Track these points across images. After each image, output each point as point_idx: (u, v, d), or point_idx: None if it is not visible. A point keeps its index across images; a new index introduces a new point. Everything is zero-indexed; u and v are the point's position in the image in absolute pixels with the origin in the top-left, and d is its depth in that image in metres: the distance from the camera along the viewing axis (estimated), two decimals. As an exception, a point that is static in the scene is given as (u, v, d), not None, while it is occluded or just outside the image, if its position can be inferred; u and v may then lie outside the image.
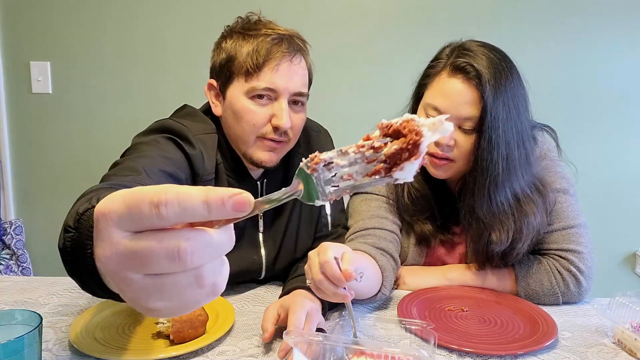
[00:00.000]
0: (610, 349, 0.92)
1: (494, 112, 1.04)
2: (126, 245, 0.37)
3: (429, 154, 1.10)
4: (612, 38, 2.18)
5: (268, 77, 1.03)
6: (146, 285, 0.38)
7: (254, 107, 1.05)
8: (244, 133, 1.07)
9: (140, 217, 0.36)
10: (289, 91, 1.05)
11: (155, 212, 0.36)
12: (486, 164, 1.06)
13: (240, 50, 1.05)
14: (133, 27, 2.29)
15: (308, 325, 0.88)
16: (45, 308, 1.05)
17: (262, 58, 1.02)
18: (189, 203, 0.36)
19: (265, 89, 1.03)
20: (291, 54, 1.05)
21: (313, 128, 1.28)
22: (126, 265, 0.38)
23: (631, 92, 2.22)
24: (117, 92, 2.33)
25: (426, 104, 1.12)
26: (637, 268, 2.33)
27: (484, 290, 1.14)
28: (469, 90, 1.05)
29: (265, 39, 1.04)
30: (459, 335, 0.95)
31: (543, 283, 1.11)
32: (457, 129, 1.08)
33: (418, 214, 1.19)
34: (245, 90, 1.04)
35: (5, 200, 2.42)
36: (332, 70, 2.24)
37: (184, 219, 0.37)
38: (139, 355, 0.86)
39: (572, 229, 1.14)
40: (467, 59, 1.06)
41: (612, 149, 2.25)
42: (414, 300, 1.08)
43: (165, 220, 0.36)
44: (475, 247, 1.15)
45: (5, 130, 2.39)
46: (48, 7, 2.30)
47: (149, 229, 0.37)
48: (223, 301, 1.05)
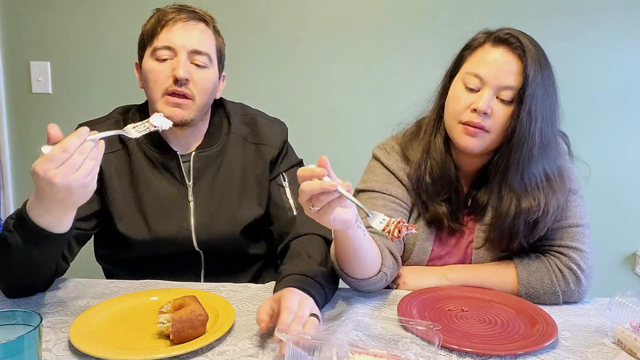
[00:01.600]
0: (610, 349, 0.92)
1: (534, 86, 1.07)
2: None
3: (463, 122, 1.11)
4: (608, 37, 2.17)
5: (164, 35, 1.16)
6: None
7: (157, 66, 1.16)
8: (152, 92, 1.17)
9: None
10: (185, 47, 1.16)
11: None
12: (524, 136, 1.08)
13: (148, 23, 1.20)
14: (133, 27, 2.27)
15: (301, 310, 0.88)
16: (45, 308, 1.05)
17: (161, 23, 1.17)
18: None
19: (164, 48, 1.15)
20: (187, 19, 1.17)
21: (268, 118, 1.35)
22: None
23: (630, 92, 2.22)
24: (117, 93, 2.32)
25: (466, 73, 1.13)
26: (637, 268, 2.33)
27: (484, 290, 1.14)
28: (513, 60, 1.08)
29: (168, 9, 1.19)
30: (459, 335, 0.95)
31: (544, 282, 1.11)
32: (495, 98, 1.09)
33: (436, 194, 1.19)
34: (149, 54, 1.17)
35: (5, 200, 2.42)
36: (332, 70, 2.25)
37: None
38: (139, 355, 0.86)
39: (578, 227, 1.15)
40: (510, 32, 1.10)
41: (612, 149, 2.25)
42: (414, 300, 1.08)
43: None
44: (501, 222, 1.14)
45: (5, 130, 2.39)
46: (48, 7, 2.30)
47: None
48: (223, 301, 1.05)
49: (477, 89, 1.11)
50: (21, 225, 0.92)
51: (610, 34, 2.17)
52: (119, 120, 1.25)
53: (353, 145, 2.06)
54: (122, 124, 1.23)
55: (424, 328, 0.90)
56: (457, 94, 1.14)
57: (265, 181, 1.29)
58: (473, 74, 1.11)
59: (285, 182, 1.29)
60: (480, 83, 1.10)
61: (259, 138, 1.30)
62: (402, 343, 0.92)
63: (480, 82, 1.10)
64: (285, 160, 1.32)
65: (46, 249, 0.97)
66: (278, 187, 1.29)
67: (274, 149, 1.29)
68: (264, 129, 1.31)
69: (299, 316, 0.86)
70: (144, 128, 0.97)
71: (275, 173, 1.30)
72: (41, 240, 0.93)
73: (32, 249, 0.95)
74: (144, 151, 1.24)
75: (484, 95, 1.09)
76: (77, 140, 0.84)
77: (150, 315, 0.99)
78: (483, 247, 1.21)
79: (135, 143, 1.22)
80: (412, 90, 1.37)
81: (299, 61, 2.26)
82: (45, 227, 0.91)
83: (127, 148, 1.22)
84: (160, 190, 1.22)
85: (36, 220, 0.90)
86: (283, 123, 1.36)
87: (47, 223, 0.91)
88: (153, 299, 1.07)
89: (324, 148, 2.23)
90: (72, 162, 0.83)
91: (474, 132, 1.11)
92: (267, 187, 1.29)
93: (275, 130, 1.32)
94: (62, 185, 0.83)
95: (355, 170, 1.60)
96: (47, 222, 0.91)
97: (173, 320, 0.89)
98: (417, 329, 0.93)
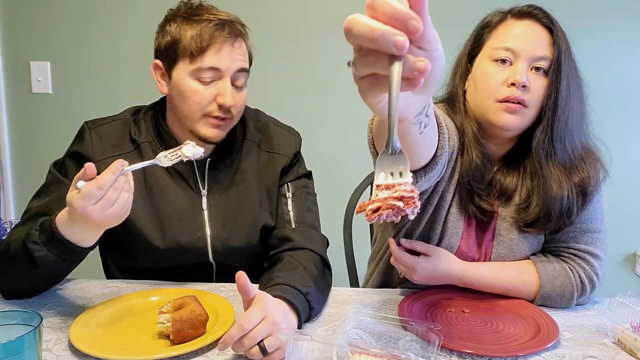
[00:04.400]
0: (610, 349, 0.92)
1: (567, 56, 1.05)
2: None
3: (502, 100, 1.05)
4: (617, 40, 2.17)
5: (212, 58, 1.09)
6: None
7: (199, 87, 1.11)
8: (190, 112, 1.13)
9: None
10: (231, 70, 1.11)
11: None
12: (564, 107, 1.06)
13: (184, 34, 1.10)
14: (133, 27, 2.28)
15: (261, 328, 0.83)
16: (45, 308, 1.05)
17: (206, 42, 1.09)
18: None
19: (210, 69, 1.10)
20: (232, 38, 1.11)
21: (282, 126, 1.32)
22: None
23: (631, 93, 2.22)
24: (117, 93, 2.33)
25: (493, 49, 1.08)
26: (637, 268, 2.33)
27: (485, 292, 1.13)
28: (542, 31, 1.07)
29: (208, 24, 1.10)
30: (460, 336, 0.95)
31: (565, 295, 1.09)
32: (530, 70, 1.06)
33: (483, 177, 1.13)
34: (190, 70, 1.10)
35: (5, 200, 2.42)
36: (330, 69, 2.25)
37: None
38: (139, 355, 0.86)
39: (600, 233, 1.14)
40: (533, 5, 1.08)
41: (612, 149, 2.24)
42: (414, 301, 1.08)
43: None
44: (552, 200, 1.08)
45: (5, 130, 2.39)
46: (48, 7, 2.30)
47: None
48: (223, 301, 1.05)
49: (510, 62, 1.06)
50: (50, 240, 0.94)
51: (610, 33, 2.17)
52: (128, 121, 1.21)
53: (354, 146, 2.06)
54: (132, 125, 1.20)
55: (424, 328, 0.90)
56: (488, 70, 1.08)
57: (275, 191, 1.26)
58: (504, 47, 1.06)
59: (289, 193, 1.26)
60: (512, 56, 1.06)
61: (272, 146, 1.27)
62: (402, 343, 0.92)
63: (512, 55, 1.06)
64: (294, 170, 1.28)
65: (73, 262, 1.01)
66: (281, 197, 1.26)
67: (286, 158, 1.26)
68: (277, 137, 1.29)
69: (251, 336, 0.82)
70: (176, 156, 0.97)
71: (282, 182, 1.27)
72: (71, 254, 0.96)
73: (61, 263, 0.97)
74: (157, 155, 1.19)
75: (518, 67, 1.04)
76: (112, 176, 0.87)
77: (150, 315, 0.99)
78: (509, 234, 1.15)
79: (148, 145, 1.19)
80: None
81: (300, 61, 2.27)
82: (75, 242, 0.94)
83: (139, 150, 1.18)
84: (174, 197, 1.19)
85: (67, 237, 0.93)
86: (297, 133, 1.33)
87: (78, 239, 0.94)
88: (153, 299, 1.07)
89: (326, 148, 2.24)
90: (109, 198, 0.87)
91: (514, 108, 1.05)
92: (276, 197, 1.26)
93: (290, 141, 1.29)
94: (99, 220, 0.87)
95: (357, 170, 1.61)
96: (78, 238, 0.94)
97: (173, 320, 0.89)
98: (417, 329, 0.93)
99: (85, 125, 1.20)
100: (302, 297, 0.97)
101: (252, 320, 0.82)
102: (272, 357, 0.84)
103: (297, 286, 0.98)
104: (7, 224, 2.36)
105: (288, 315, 0.91)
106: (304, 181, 1.29)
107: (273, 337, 0.83)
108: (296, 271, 1.06)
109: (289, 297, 0.94)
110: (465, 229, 1.17)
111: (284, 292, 0.95)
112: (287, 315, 0.91)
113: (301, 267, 1.07)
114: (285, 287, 0.97)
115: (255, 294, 0.88)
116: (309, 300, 0.98)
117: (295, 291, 0.97)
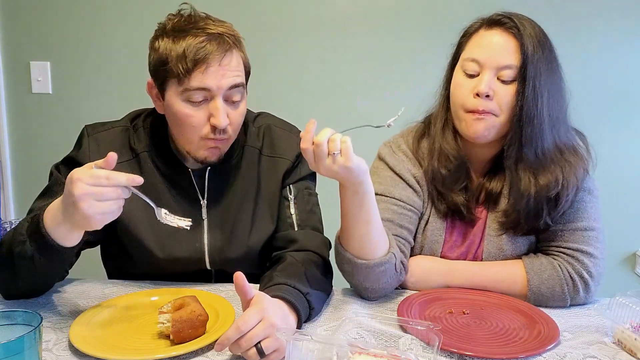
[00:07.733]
0: (610, 349, 0.92)
1: (535, 61, 1.07)
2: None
3: (469, 110, 1.11)
4: (619, 40, 2.17)
5: (199, 78, 1.04)
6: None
7: (191, 111, 1.06)
8: (185, 136, 1.10)
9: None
10: (222, 88, 1.05)
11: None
12: (532, 112, 1.08)
13: (170, 55, 1.04)
14: (133, 27, 2.28)
15: (258, 330, 0.82)
16: (45, 308, 1.05)
17: (192, 63, 1.03)
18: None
19: (198, 89, 1.04)
20: (221, 54, 1.05)
21: (284, 127, 1.29)
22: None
23: (631, 93, 2.22)
24: (117, 93, 2.33)
25: (464, 60, 1.13)
26: (637, 268, 2.33)
27: (485, 293, 1.13)
28: (508, 39, 1.09)
29: (194, 41, 1.03)
30: (460, 338, 0.95)
31: (555, 290, 1.09)
32: (495, 80, 1.09)
33: (453, 183, 1.18)
34: (179, 92, 1.06)
35: (5, 200, 2.42)
36: (331, 69, 2.25)
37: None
38: (139, 355, 0.86)
39: (592, 231, 1.13)
40: (503, 13, 1.11)
41: (612, 149, 2.25)
42: (414, 301, 1.08)
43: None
44: (523, 202, 1.12)
45: (5, 130, 2.39)
46: (48, 7, 2.30)
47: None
48: (223, 301, 1.05)
49: (477, 73, 1.11)
50: (35, 231, 0.93)
51: (609, 33, 2.17)
52: (128, 128, 1.20)
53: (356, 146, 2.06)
54: (132, 132, 1.19)
55: (424, 328, 0.90)
56: (459, 82, 1.14)
57: (277, 196, 1.24)
58: (470, 59, 1.11)
59: (291, 195, 1.23)
60: (478, 67, 1.11)
61: (274, 151, 1.25)
62: (402, 343, 0.92)
63: (478, 66, 1.11)
64: (296, 172, 1.25)
65: (51, 261, 0.98)
66: (283, 200, 1.24)
67: (289, 161, 1.24)
68: (279, 140, 1.26)
69: (248, 338, 0.82)
70: (172, 220, 0.97)
71: (284, 184, 1.25)
72: (48, 251, 0.94)
73: (38, 259, 0.95)
74: (156, 165, 1.18)
75: (484, 77, 1.09)
76: (123, 179, 0.87)
77: (150, 315, 0.99)
78: (499, 235, 1.18)
79: (147, 155, 1.17)
80: (419, 89, 1.35)
81: (300, 61, 2.27)
82: (56, 238, 0.93)
83: (138, 158, 1.17)
84: (173, 207, 1.12)
85: (50, 231, 0.92)
86: (299, 132, 1.31)
87: (58, 235, 0.92)
88: (153, 299, 1.07)
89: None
90: (104, 192, 0.86)
91: (481, 118, 1.10)
92: (278, 201, 1.24)
93: (292, 142, 1.25)
94: (85, 208, 0.85)
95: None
96: (60, 233, 0.92)
97: (173, 320, 0.89)
98: (417, 329, 0.93)
99: (85, 130, 1.19)
100: (302, 297, 0.97)
101: (250, 322, 0.82)
102: (270, 358, 0.83)
103: (297, 286, 0.98)
104: (7, 224, 2.36)
105: (287, 316, 0.91)
106: (306, 182, 1.27)
107: (271, 339, 0.83)
108: (297, 271, 1.05)
109: (289, 297, 0.94)
110: (447, 237, 1.22)
111: (284, 291, 0.95)
112: (286, 316, 0.91)
113: (302, 267, 1.07)
114: (285, 286, 0.97)
115: (254, 294, 0.87)
116: (309, 300, 0.98)
117: (295, 291, 0.97)
